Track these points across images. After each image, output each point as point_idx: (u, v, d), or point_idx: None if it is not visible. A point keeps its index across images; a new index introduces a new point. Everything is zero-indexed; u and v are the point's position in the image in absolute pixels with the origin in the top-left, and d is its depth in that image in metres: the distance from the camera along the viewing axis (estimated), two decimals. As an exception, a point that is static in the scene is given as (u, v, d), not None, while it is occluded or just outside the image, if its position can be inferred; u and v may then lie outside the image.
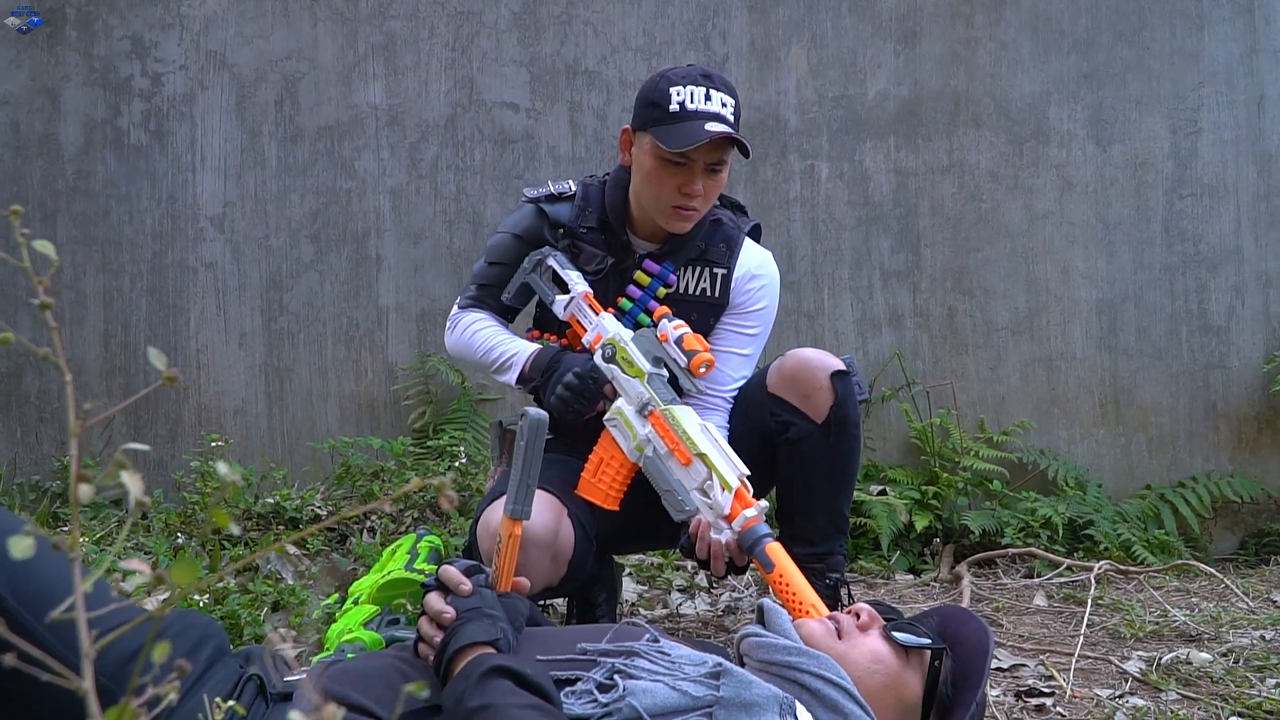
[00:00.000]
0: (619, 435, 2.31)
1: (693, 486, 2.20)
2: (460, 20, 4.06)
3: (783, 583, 2.05)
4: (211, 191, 4.04)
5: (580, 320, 2.41)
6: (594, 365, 2.32)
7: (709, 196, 2.39)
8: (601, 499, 2.32)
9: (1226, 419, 4.08)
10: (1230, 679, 2.48)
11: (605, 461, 2.33)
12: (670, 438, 2.23)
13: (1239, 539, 4.06)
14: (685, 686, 1.52)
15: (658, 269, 2.45)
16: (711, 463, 2.17)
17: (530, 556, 2.13)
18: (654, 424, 2.25)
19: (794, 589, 2.03)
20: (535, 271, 2.47)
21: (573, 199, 2.52)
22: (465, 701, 1.42)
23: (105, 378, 3.99)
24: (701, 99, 2.33)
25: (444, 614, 1.58)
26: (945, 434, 3.92)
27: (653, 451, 2.25)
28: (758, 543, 2.11)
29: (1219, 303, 4.08)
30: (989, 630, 1.79)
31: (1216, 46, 4.08)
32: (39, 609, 1.40)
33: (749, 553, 2.13)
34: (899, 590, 3.35)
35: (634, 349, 2.30)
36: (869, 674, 1.67)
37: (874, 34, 4.08)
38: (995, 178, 4.08)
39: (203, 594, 2.55)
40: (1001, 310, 4.07)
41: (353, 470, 3.63)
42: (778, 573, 2.06)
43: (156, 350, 0.76)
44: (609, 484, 2.32)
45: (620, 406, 2.31)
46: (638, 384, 2.28)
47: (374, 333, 4.05)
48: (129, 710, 0.63)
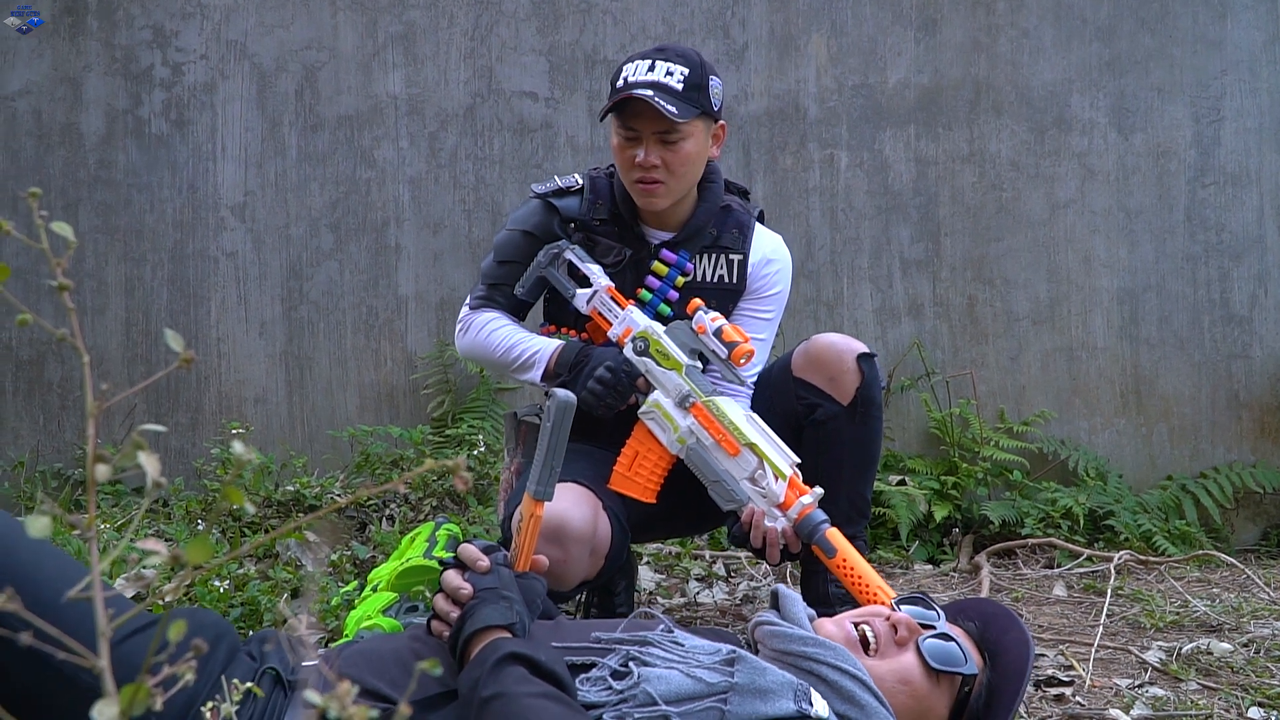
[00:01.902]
0: (656, 428, 2.31)
1: (742, 476, 2.21)
2: (479, 9, 4.06)
3: (846, 567, 2.07)
4: (232, 180, 4.05)
5: (604, 314, 2.39)
6: (625, 359, 2.32)
7: (671, 168, 2.36)
8: (639, 492, 2.32)
9: (1249, 409, 4.06)
10: (1251, 669, 2.47)
11: (641, 455, 2.33)
12: (716, 429, 2.23)
13: (1261, 529, 4.04)
14: (700, 674, 1.52)
15: (674, 258, 2.45)
16: (762, 452, 2.19)
17: (571, 552, 2.14)
18: (697, 415, 2.25)
19: (859, 573, 2.06)
20: (552, 265, 2.46)
21: (581, 192, 2.51)
22: (480, 689, 1.42)
23: (127, 366, 4.01)
24: (644, 71, 2.33)
25: (460, 590, 1.59)
26: (965, 424, 3.91)
27: (696, 443, 2.25)
28: (816, 529, 2.13)
29: (1241, 292, 4.05)
30: (1031, 643, 1.73)
31: (1239, 34, 4.04)
32: (43, 602, 1.41)
33: (808, 539, 2.14)
34: (917, 580, 3.34)
35: (669, 341, 2.30)
36: (893, 694, 1.63)
37: (894, 21, 4.07)
38: (1016, 166, 4.06)
39: (223, 580, 2.57)
40: (1022, 300, 4.05)
41: (372, 458, 3.64)
42: (840, 558, 2.09)
43: (173, 331, 0.76)
44: (646, 477, 2.32)
45: (657, 399, 2.30)
46: (675, 376, 2.28)
47: (393, 322, 4.06)
48: (143, 689, 0.63)
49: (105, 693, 0.62)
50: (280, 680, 1.59)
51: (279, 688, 1.59)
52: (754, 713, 1.47)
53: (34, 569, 1.48)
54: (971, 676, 1.68)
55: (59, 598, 0.99)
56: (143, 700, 0.62)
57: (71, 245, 0.78)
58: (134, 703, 0.62)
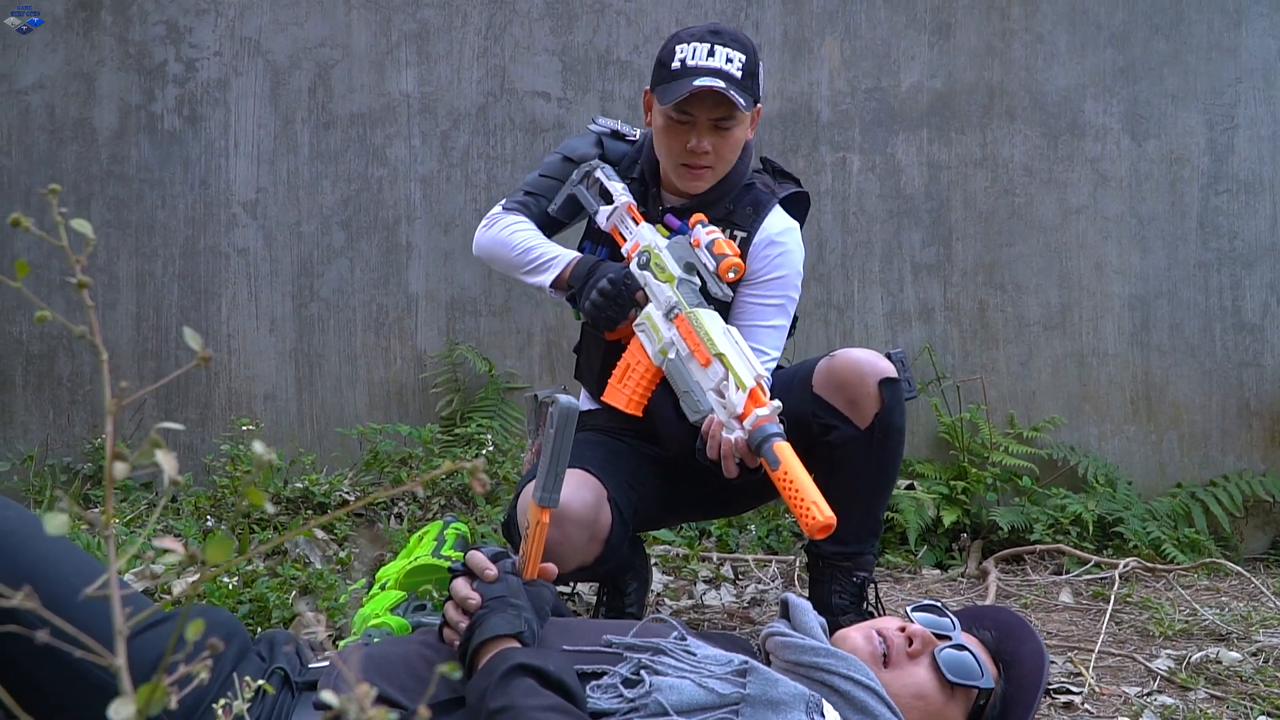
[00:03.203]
0: (646, 340, 2.30)
1: (709, 387, 2.17)
2: (493, 8, 4.06)
3: (786, 480, 1.98)
4: (244, 177, 4.06)
5: (621, 230, 2.41)
6: (628, 272, 2.32)
7: (721, 154, 2.37)
8: (624, 403, 2.31)
9: (1259, 417, 4.04)
10: (1260, 678, 2.46)
11: (631, 367, 2.33)
12: (692, 339, 2.21)
13: (1270, 538, 4.02)
14: (712, 684, 1.51)
15: (677, 224, 2.41)
16: (729, 362, 2.14)
17: (568, 533, 2.15)
18: (678, 326, 2.24)
19: (797, 487, 1.96)
20: (583, 183, 2.47)
21: (632, 145, 2.54)
22: (488, 701, 1.42)
23: (137, 361, 4.02)
24: (704, 55, 2.30)
25: (469, 600, 1.58)
26: (975, 429, 3.90)
27: (675, 354, 2.24)
28: (766, 440, 2.04)
29: (1254, 300, 4.04)
30: (1046, 655, 1.73)
31: (1254, 42, 4.03)
32: (58, 598, 1.41)
33: (756, 451, 2.06)
34: (925, 585, 3.33)
35: (667, 255, 2.30)
36: (908, 709, 1.62)
37: (908, 25, 4.06)
38: (1029, 171, 4.05)
39: (232, 576, 2.57)
40: (1033, 305, 4.04)
41: (380, 457, 3.64)
42: (782, 470, 1.99)
43: (192, 330, 0.76)
44: (634, 389, 2.31)
45: (649, 311, 2.30)
46: (667, 289, 2.28)
47: (403, 320, 4.06)
48: (160, 688, 0.63)
49: (122, 691, 0.62)
50: (289, 681, 1.60)
51: (287, 688, 1.59)
52: None
53: (50, 564, 1.48)
54: (988, 690, 1.67)
55: (75, 593, 1.00)
56: (159, 700, 0.62)
57: (91, 243, 0.78)
58: (151, 702, 0.62)
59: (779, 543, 3.51)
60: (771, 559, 3.37)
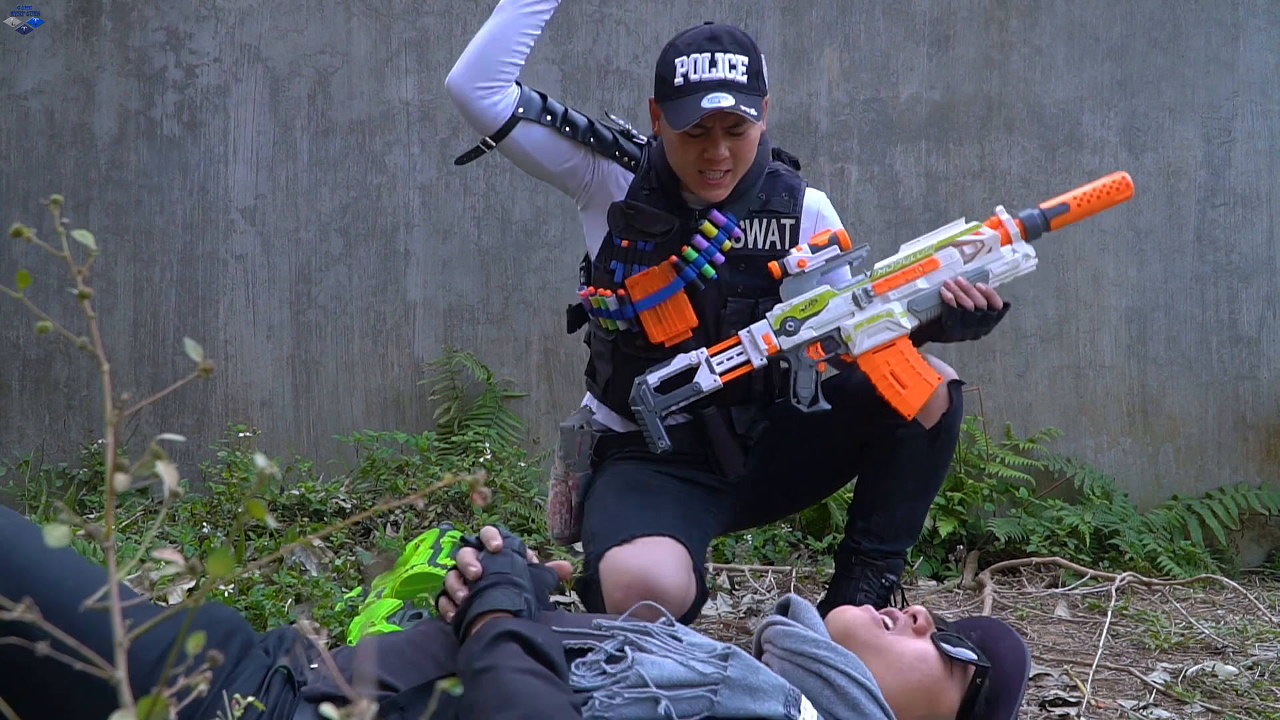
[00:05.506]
0: (884, 334, 2.32)
1: (960, 267, 2.36)
2: (493, 17, 4.06)
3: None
4: (243, 184, 4.06)
5: (738, 364, 2.33)
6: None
7: (739, 156, 2.29)
8: (919, 395, 2.31)
9: (1256, 430, 4.05)
10: (1255, 692, 2.47)
11: (894, 366, 2.31)
12: (906, 275, 2.35)
13: (1266, 551, 4.03)
14: (694, 664, 1.53)
15: (724, 219, 2.35)
16: (942, 242, 2.37)
17: (662, 611, 2.11)
18: (885, 289, 2.34)
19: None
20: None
21: (642, 148, 2.43)
22: (473, 662, 1.45)
23: (134, 367, 4.02)
24: (705, 67, 2.22)
25: (470, 568, 1.60)
26: (971, 440, 3.90)
27: (912, 300, 2.34)
28: (1040, 217, 2.43)
29: (1250, 313, 4.04)
30: (1028, 652, 1.79)
31: (1252, 56, 4.04)
32: (58, 606, 1.41)
33: (1043, 228, 2.44)
34: (921, 596, 3.33)
35: (799, 297, 2.32)
36: (910, 669, 1.67)
37: (907, 37, 4.07)
38: (1027, 183, 4.06)
39: (228, 584, 2.57)
40: (1030, 317, 4.05)
41: (377, 464, 3.64)
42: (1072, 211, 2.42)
43: (193, 342, 0.76)
44: (914, 380, 2.31)
45: (847, 331, 2.32)
46: (835, 302, 2.32)
47: (401, 327, 4.06)
48: (161, 700, 0.63)
49: (123, 704, 0.62)
50: (291, 680, 1.60)
51: (289, 687, 1.59)
52: (743, 708, 1.49)
53: (48, 570, 1.48)
54: (985, 668, 1.72)
55: (74, 599, 0.99)
56: (160, 712, 0.62)
57: (93, 254, 0.78)
58: (152, 715, 0.62)
59: (775, 553, 3.50)
60: (768, 569, 3.37)
